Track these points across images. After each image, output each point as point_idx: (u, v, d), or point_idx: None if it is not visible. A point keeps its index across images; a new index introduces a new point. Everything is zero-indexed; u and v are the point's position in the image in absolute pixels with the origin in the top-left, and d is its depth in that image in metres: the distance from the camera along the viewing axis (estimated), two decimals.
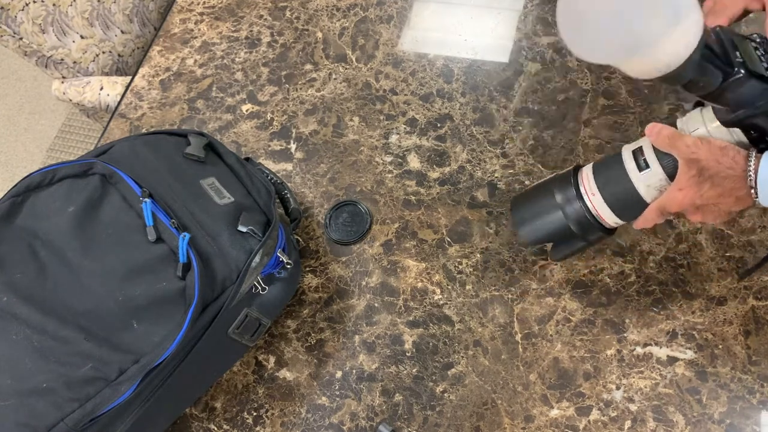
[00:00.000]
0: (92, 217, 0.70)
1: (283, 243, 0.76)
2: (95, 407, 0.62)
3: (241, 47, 1.09)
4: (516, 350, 0.80)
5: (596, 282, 0.82)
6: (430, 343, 0.81)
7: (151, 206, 0.69)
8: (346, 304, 0.85)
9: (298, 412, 0.79)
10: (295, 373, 0.82)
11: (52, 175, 0.72)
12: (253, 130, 1.00)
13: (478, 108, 0.97)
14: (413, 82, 1.01)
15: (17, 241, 0.69)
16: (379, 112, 0.99)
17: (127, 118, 1.05)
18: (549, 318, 0.81)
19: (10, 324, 0.63)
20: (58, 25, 1.20)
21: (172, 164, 0.76)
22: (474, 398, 0.77)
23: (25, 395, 0.61)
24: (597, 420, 0.75)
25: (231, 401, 0.81)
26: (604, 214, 0.69)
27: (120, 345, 0.64)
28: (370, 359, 0.81)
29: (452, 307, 0.83)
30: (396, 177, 0.93)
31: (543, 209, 0.72)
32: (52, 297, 0.65)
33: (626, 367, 0.77)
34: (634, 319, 0.79)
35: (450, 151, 0.94)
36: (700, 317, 0.79)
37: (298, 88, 1.03)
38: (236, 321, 0.73)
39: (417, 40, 1.06)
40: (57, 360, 0.62)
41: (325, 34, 1.08)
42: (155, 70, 1.09)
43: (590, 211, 0.70)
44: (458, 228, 0.88)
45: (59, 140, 2.09)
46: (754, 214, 0.84)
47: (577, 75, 0.98)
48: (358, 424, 0.78)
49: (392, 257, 0.87)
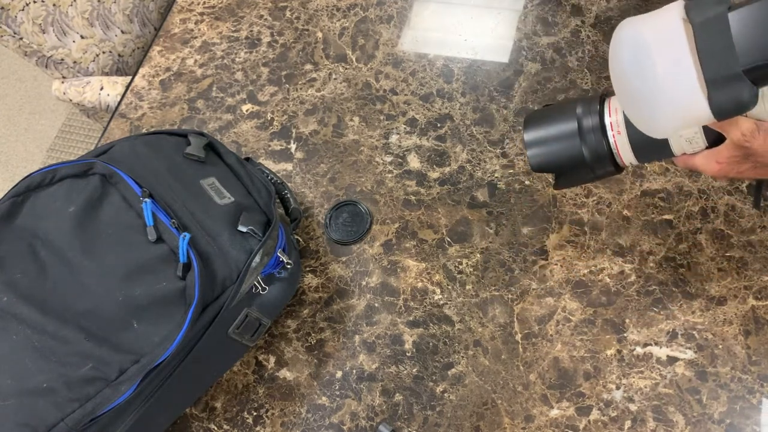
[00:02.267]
0: (92, 217, 0.70)
1: (283, 243, 0.76)
2: (95, 407, 0.62)
3: (241, 47, 1.09)
4: (516, 350, 0.80)
5: (596, 282, 0.82)
6: (430, 343, 0.81)
7: (151, 206, 0.69)
8: (346, 304, 0.85)
9: (298, 412, 0.79)
10: (295, 373, 0.82)
11: (53, 175, 0.72)
12: (253, 130, 1.00)
13: (478, 108, 0.97)
14: (413, 82, 1.01)
15: (17, 241, 0.69)
16: (379, 112, 0.99)
17: (127, 118, 1.05)
18: (549, 318, 0.81)
19: (10, 324, 0.64)
20: (58, 25, 1.20)
21: (172, 164, 0.76)
22: (474, 398, 0.77)
23: (26, 395, 0.61)
24: (597, 420, 0.75)
25: (231, 401, 0.81)
26: (623, 151, 0.64)
27: (120, 345, 0.64)
28: (370, 359, 0.81)
29: (452, 307, 0.83)
30: (396, 177, 0.93)
31: (561, 133, 0.66)
32: (53, 297, 0.65)
33: (626, 367, 0.77)
34: (634, 319, 0.79)
35: (450, 151, 0.94)
36: (700, 317, 0.79)
37: (298, 88, 1.03)
38: (236, 321, 0.73)
39: (417, 40, 1.06)
40: (57, 360, 0.62)
41: (325, 34, 1.08)
42: (155, 70, 1.09)
43: (610, 144, 0.64)
44: (458, 228, 0.88)
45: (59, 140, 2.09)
46: (754, 214, 0.84)
47: (577, 75, 0.98)
48: (358, 424, 0.78)
49: (392, 257, 0.87)
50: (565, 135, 0.66)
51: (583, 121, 0.65)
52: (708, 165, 0.62)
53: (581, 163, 0.66)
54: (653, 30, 0.52)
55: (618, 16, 1.02)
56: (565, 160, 0.66)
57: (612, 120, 0.64)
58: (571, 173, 0.68)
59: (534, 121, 0.68)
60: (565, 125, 0.66)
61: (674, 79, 0.51)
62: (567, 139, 0.66)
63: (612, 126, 0.64)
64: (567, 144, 0.66)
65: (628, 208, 0.86)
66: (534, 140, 0.67)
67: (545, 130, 0.67)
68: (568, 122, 0.66)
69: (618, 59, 0.56)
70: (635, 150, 0.64)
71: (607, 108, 0.65)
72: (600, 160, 0.65)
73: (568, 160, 0.66)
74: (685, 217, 0.84)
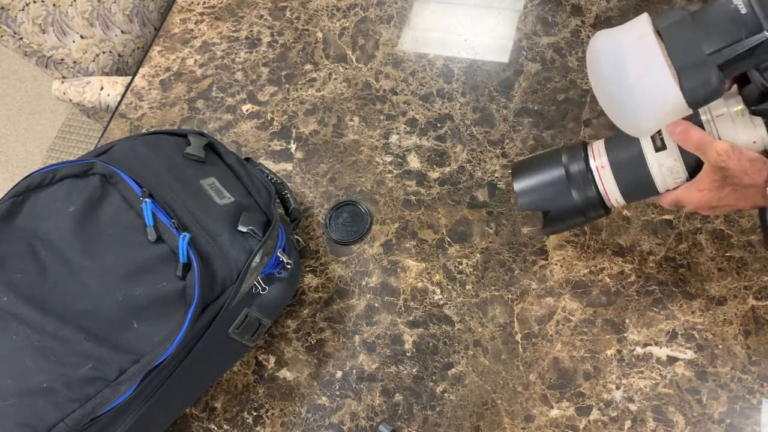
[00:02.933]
0: (92, 217, 0.70)
1: (283, 243, 0.76)
2: (95, 407, 0.62)
3: (241, 47, 1.09)
4: (516, 350, 0.80)
5: (596, 282, 0.82)
6: (430, 343, 0.81)
7: (151, 206, 0.69)
8: (346, 304, 0.85)
9: (298, 412, 0.79)
10: (295, 373, 0.82)
11: (53, 175, 0.72)
12: (253, 130, 1.00)
13: (478, 108, 0.97)
14: (413, 82, 1.01)
15: (17, 241, 0.69)
16: (379, 112, 0.99)
17: (127, 118, 1.05)
18: (549, 318, 0.81)
19: (10, 324, 0.64)
20: (58, 25, 1.20)
21: (172, 164, 0.76)
22: (474, 398, 0.77)
23: (26, 395, 0.61)
24: (597, 420, 0.75)
25: (231, 401, 0.81)
26: (609, 190, 0.68)
27: (120, 345, 0.64)
28: (370, 359, 0.81)
29: (452, 307, 0.83)
30: (396, 177, 0.93)
31: (548, 177, 0.69)
32: (53, 297, 0.65)
33: (626, 367, 0.77)
34: (634, 319, 0.79)
35: (450, 151, 0.94)
36: (700, 317, 0.79)
37: (298, 88, 1.03)
38: (236, 321, 0.73)
39: (417, 40, 1.06)
40: (57, 360, 0.62)
41: (325, 34, 1.08)
42: (155, 70, 1.09)
43: (597, 184, 0.68)
44: (458, 228, 0.88)
45: (59, 140, 2.09)
46: (754, 214, 0.84)
47: (577, 75, 0.98)
48: (358, 424, 0.78)
49: (392, 257, 0.87)
50: (553, 177, 0.69)
51: (570, 163, 0.69)
52: (690, 194, 0.64)
53: (571, 204, 0.69)
54: (625, 36, 0.57)
55: (618, 16, 1.02)
56: (556, 201, 0.69)
57: (597, 164, 0.68)
58: (561, 217, 0.71)
59: (523, 168, 0.71)
60: (552, 168, 0.69)
61: (649, 74, 0.55)
62: (554, 181, 0.69)
63: (598, 169, 0.67)
64: (555, 186, 0.69)
65: (627, 208, 0.86)
66: (524, 186, 0.70)
67: (534, 176, 0.70)
68: (555, 165, 0.69)
69: (597, 65, 0.60)
70: (619, 184, 0.67)
71: (591, 150, 0.68)
72: (590, 203, 0.69)
73: (558, 201, 0.69)
74: (685, 217, 0.84)
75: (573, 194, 0.68)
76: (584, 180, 0.68)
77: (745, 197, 0.62)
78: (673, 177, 0.65)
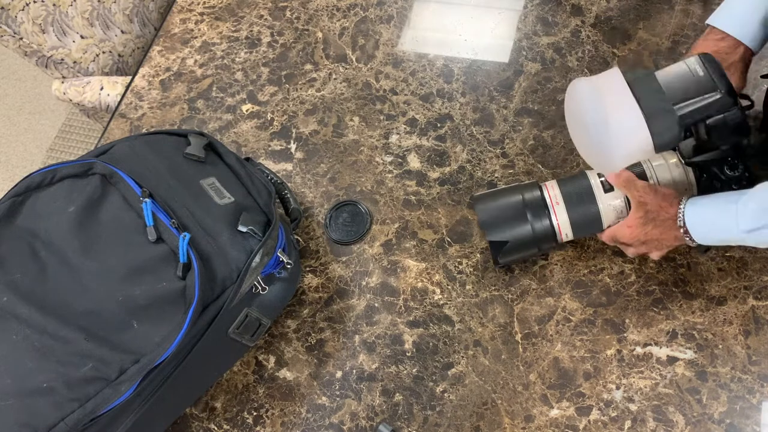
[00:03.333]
0: (92, 217, 0.70)
1: (283, 243, 0.76)
2: (95, 407, 0.62)
3: (241, 47, 1.09)
4: (516, 350, 0.80)
5: (596, 282, 0.82)
6: (430, 343, 0.81)
7: (151, 206, 0.69)
8: (346, 304, 0.85)
9: (298, 412, 0.79)
10: (295, 373, 0.82)
11: (53, 175, 0.72)
12: (253, 130, 1.00)
13: (478, 108, 0.97)
14: (413, 82, 1.01)
15: (17, 241, 0.69)
16: (379, 112, 0.99)
17: (127, 118, 1.05)
18: (549, 318, 0.81)
19: (11, 324, 0.64)
20: (58, 25, 1.20)
21: (172, 164, 0.76)
22: (474, 398, 0.77)
23: (26, 395, 0.61)
24: (597, 420, 0.75)
25: (231, 401, 0.81)
26: (562, 226, 0.76)
27: (120, 345, 0.64)
28: (370, 359, 0.81)
29: (452, 307, 0.83)
30: (396, 177, 0.93)
31: (510, 212, 0.77)
32: (53, 297, 0.65)
33: (626, 367, 0.77)
34: (634, 319, 0.79)
35: (450, 151, 0.94)
36: (700, 317, 0.79)
37: (298, 88, 1.03)
38: (236, 321, 0.73)
39: (417, 40, 1.06)
40: (57, 360, 0.62)
41: (325, 34, 1.08)
42: (155, 70, 1.09)
43: (552, 220, 0.76)
44: (458, 228, 0.88)
45: (59, 140, 2.09)
46: None
47: (577, 75, 0.98)
48: (358, 424, 0.78)
49: (392, 257, 0.87)
50: (514, 213, 0.77)
51: (529, 201, 0.77)
52: (622, 230, 0.73)
53: (529, 237, 0.77)
54: (603, 84, 0.67)
55: (618, 16, 1.02)
56: (516, 234, 0.77)
57: (550, 196, 0.76)
58: (518, 248, 0.78)
59: (484, 202, 0.79)
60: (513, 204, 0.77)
61: (622, 117, 0.65)
62: (516, 216, 0.77)
63: (551, 201, 0.76)
64: (517, 221, 0.77)
65: None
66: (488, 219, 0.78)
67: (496, 210, 0.78)
68: (515, 202, 0.77)
69: (575, 105, 0.71)
70: (571, 220, 0.76)
71: (545, 189, 0.77)
72: (544, 235, 0.77)
73: (518, 234, 0.77)
74: None
75: (532, 229, 0.76)
76: (541, 216, 0.76)
77: (667, 231, 0.70)
78: (617, 215, 0.75)
